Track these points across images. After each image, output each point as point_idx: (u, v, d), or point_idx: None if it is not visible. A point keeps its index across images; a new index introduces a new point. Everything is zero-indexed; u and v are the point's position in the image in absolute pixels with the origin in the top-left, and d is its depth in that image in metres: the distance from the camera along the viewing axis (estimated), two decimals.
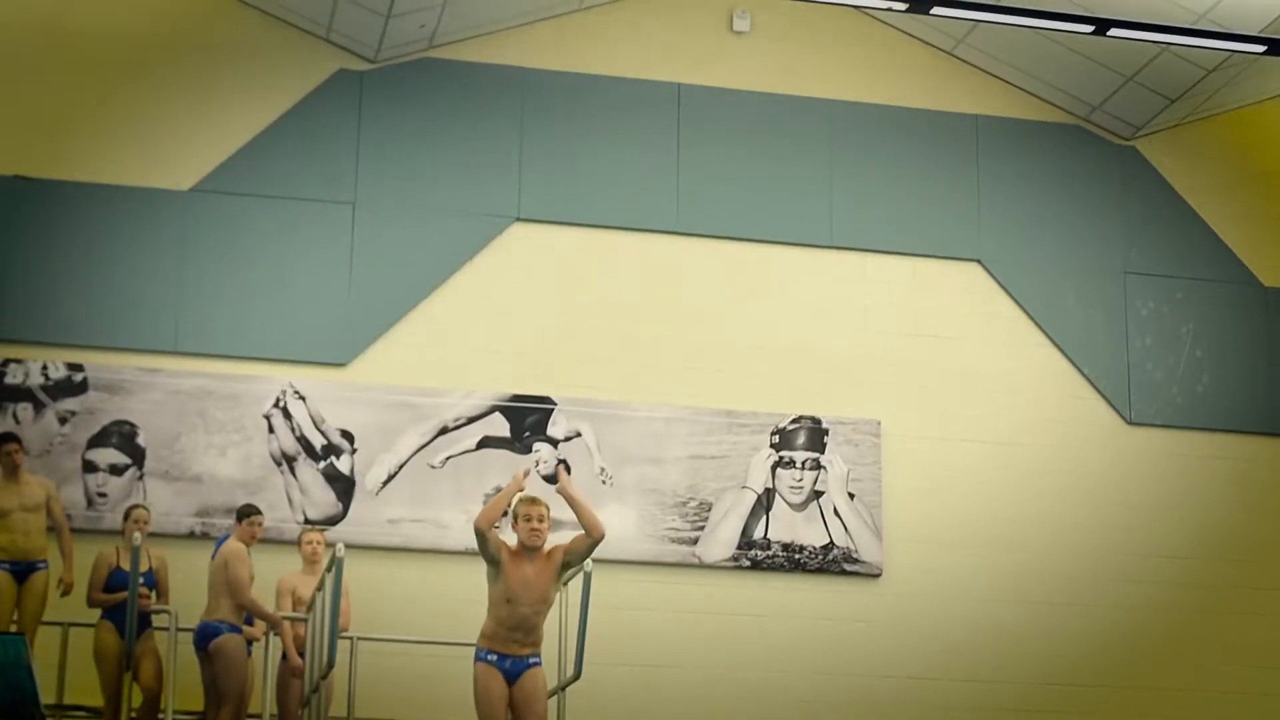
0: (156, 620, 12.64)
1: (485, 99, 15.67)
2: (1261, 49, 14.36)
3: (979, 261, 16.29)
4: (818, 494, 15.41)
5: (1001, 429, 15.95)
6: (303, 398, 14.66)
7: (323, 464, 14.61)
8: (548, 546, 10.26)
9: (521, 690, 10.12)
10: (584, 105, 15.88)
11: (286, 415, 14.62)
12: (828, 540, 15.33)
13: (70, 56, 14.95)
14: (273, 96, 15.27)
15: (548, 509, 10.29)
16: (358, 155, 15.30)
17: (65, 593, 12.61)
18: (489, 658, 10.12)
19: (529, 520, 10.19)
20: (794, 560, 15.24)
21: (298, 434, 14.61)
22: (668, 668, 14.90)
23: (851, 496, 15.44)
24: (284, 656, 12.68)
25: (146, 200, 14.80)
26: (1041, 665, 15.57)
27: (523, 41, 15.88)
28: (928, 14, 14.46)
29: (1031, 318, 16.26)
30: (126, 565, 12.28)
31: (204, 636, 12.19)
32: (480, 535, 10.09)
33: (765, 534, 15.25)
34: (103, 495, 14.17)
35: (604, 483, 15.03)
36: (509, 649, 10.12)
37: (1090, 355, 16.28)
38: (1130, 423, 16.20)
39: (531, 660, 10.19)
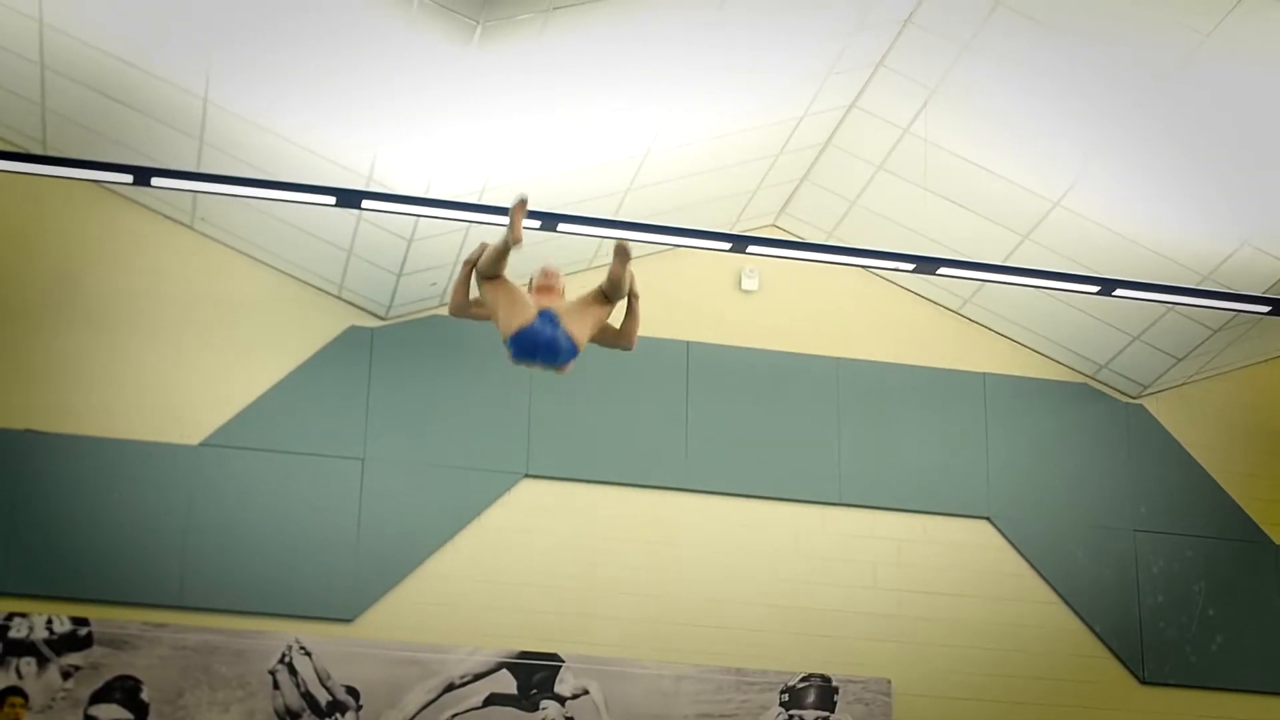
0: None
1: (495, 356, 15.51)
2: (1266, 309, 14.46)
3: (988, 519, 16.24)
4: None
5: (1013, 688, 15.78)
6: (308, 654, 14.52)
7: None
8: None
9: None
10: (593, 362, 15.81)
11: (292, 671, 14.47)
12: None
13: (81, 311, 15.06)
14: (284, 352, 15.36)
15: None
16: (367, 410, 15.34)
17: None
18: None
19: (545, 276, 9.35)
20: None
21: (303, 690, 14.46)
22: None
23: None
24: None
25: (155, 455, 14.81)
26: None
27: None
28: (934, 274, 14.61)
29: (1042, 575, 16.17)
30: None
31: None
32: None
33: None
34: None
35: None
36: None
37: (1101, 613, 16.16)
38: (1144, 682, 16.03)
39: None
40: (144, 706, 14.17)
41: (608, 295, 9.50)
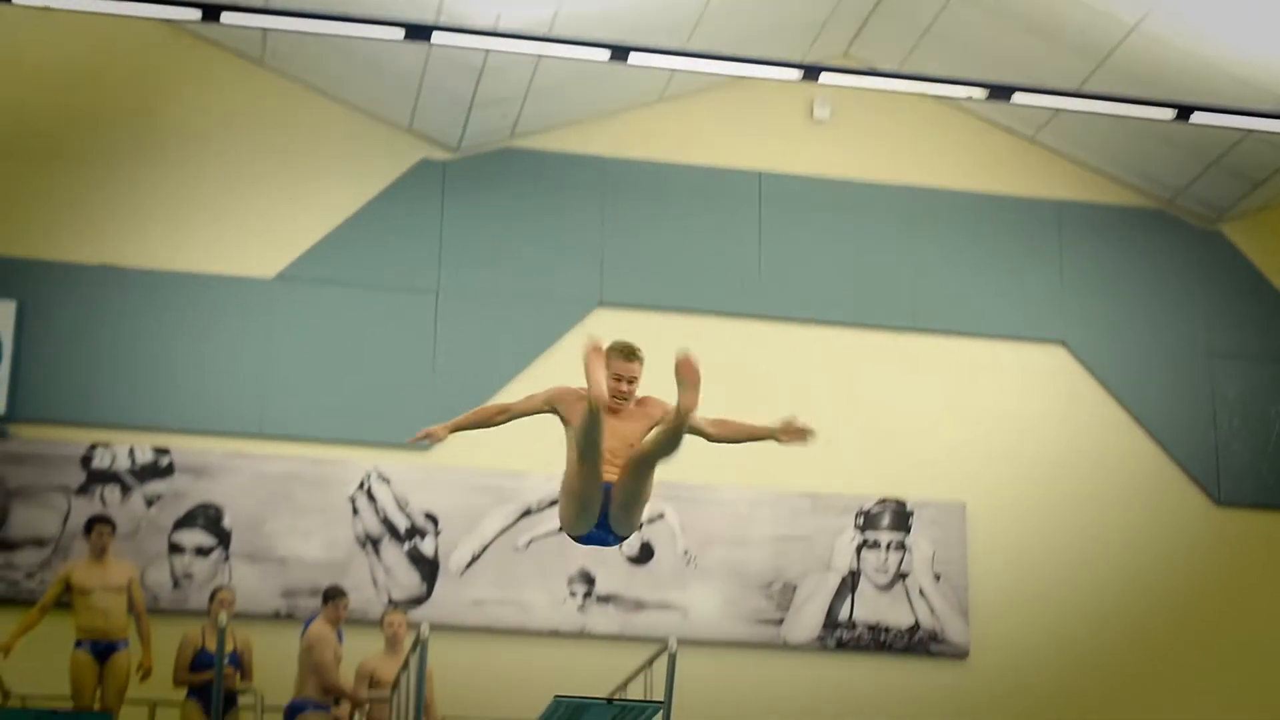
0: (242, 700, 12.74)
1: (567, 187, 15.77)
2: None
3: (1064, 344, 16.21)
4: (903, 575, 15.29)
5: (1088, 510, 15.82)
6: (387, 481, 14.70)
7: (407, 546, 14.63)
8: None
9: None
10: (665, 192, 15.95)
11: (371, 498, 14.66)
12: (913, 621, 15.20)
13: (156, 148, 15.16)
14: (356, 186, 15.43)
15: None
16: (440, 243, 15.40)
17: (145, 677, 12.66)
18: None
19: (618, 380, 8.43)
20: (879, 641, 15.12)
21: (382, 516, 14.65)
22: None
23: (937, 577, 15.32)
24: None
25: (232, 288, 14.95)
26: None
27: (604, 131, 16.00)
28: (1008, 101, 14.49)
29: (1118, 400, 16.15)
30: (212, 646, 12.32)
31: (291, 713, 12.44)
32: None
33: (850, 615, 15.14)
34: (189, 577, 14.23)
35: (688, 564, 14.99)
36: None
37: (1177, 437, 16.14)
38: (1219, 503, 16.04)
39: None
40: (226, 533, 14.40)
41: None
